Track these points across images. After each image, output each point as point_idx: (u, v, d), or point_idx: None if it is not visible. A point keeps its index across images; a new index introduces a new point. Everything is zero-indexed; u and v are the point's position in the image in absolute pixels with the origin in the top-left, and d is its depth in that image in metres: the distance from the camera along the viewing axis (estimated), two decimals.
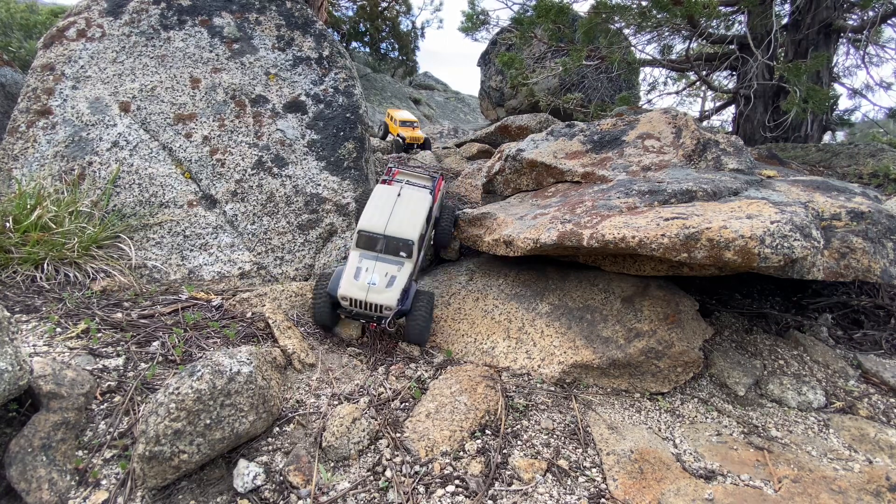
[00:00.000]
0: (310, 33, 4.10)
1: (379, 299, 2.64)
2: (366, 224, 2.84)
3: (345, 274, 2.73)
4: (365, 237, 2.82)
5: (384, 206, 2.93)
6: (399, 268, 2.76)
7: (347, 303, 2.67)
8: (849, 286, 3.43)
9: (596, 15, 5.99)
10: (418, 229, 2.85)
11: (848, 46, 7.19)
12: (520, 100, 11.82)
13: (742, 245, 2.10)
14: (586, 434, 2.25)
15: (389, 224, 2.84)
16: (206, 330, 2.60)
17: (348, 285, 2.66)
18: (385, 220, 2.85)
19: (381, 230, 2.81)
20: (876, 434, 2.32)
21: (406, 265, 2.80)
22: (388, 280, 2.70)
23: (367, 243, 2.83)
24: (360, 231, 2.83)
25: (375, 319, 2.72)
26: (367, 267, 2.74)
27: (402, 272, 2.76)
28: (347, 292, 2.64)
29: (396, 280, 2.72)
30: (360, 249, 2.84)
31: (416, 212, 2.94)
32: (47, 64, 3.60)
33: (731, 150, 3.24)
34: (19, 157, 3.35)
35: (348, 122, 3.87)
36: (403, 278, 2.74)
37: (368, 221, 2.85)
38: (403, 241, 2.81)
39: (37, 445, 1.73)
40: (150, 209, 3.33)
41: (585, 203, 2.84)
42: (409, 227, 2.85)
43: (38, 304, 2.54)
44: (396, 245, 2.81)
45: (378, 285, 2.67)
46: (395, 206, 2.93)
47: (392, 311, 2.67)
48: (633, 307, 2.78)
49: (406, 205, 2.96)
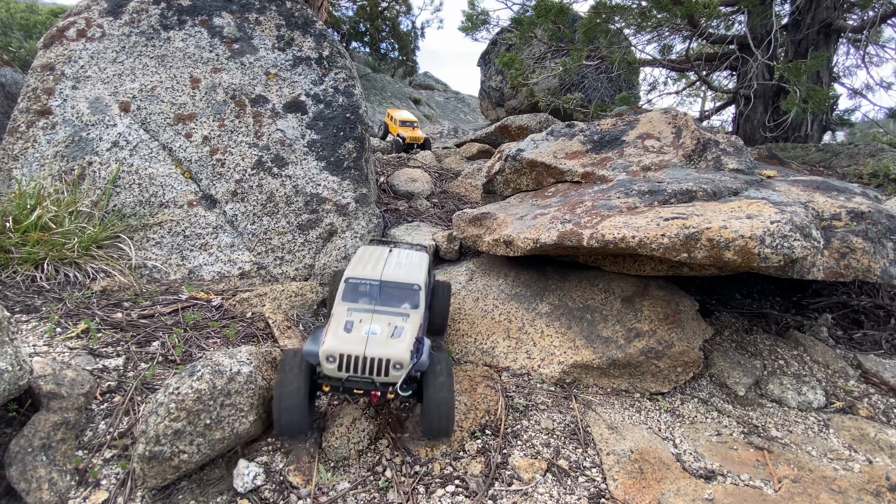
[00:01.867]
0: (310, 33, 4.10)
1: (384, 352, 1.88)
2: (356, 271, 2.23)
3: (330, 329, 1.99)
4: (354, 286, 2.19)
5: (375, 259, 2.39)
6: (404, 319, 2.08)
7: (336, 365, 1.87)
8: (849, 286, 3.43)
9: (596, 15, 6.00)
10: (423, 276, 2.29)
11: (848, 46, 7.19)
12: (520, 100, 11.83)
13: (742, 245, 2.10)
14: (586, 434, 2.25)
15: (386, 271, 2.26)
16: (206, 330, 2.60)
17: (337, 340, 1.91)
18: (380, 268, 2.28)
19: (377, 276, 2.20)
20: (876, 434, 2.32)
21: (413, 317, 2.12)
22: (393, 331, 2.00)
23: (359, 294, 2.18)
24: (348, 280, 2.19)
25: (378, 387, 1.90)
26: (361, 318, 2.05)
27: (409, 324, 2.06)
28: (337, 348, 1.87)
29: (405, 330, 2.01)
30: (347, 304, 2.15)
31: (416, 264, 2.41)
32: (47, 64, 3.60)
33: (731, 150, 3.24)
34: (19, 157, 3.35)
35: (348, 122, 3.87)
36: (413, 329, 2.03)
37: (359, 269, 2.26)
38: (407, 287, 2.20)
39: (37, 445, 1.73)
40: (150, 209, 3.33)
41: (585, 203, 2.84)
42: (411, 272, 2.28)
43: (38, 304, 2.54)
44: (398, 293, 2.19)
45: (381, 335, 1.96)
46: (388, 258, 2.41)
47: (404, 368, 1.89)
48: (633, 307, 2.78)
49: (401, 258, 2.46)
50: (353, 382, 1.91)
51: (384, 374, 1.88)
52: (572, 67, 6.45)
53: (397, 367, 1.89)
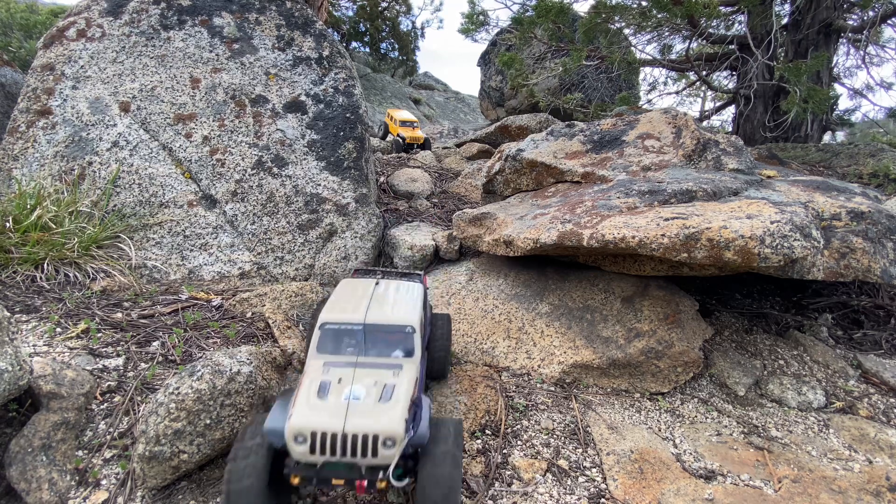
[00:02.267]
0: (310, 33, 4.10)
1: (370, 425, 1.45)
2: (333, 314, 1.81)
3: (299, 395, 1.55)
4: (331, 333, 1.77)
5: (358, 296, 1.98)
6: (396, 373, 1.68)
7: (307, 447, 1.43)
8: (849, 286, 3.43)
9: (596, 15, 6.00)
10: (417, 314, 1.88)
11: (848, 46, 7.19)
12: (520, 100, 11.83)
13: (742, 245, 2.10)
14: (586, 434, 2.25)
15: (371, 311, 1.83)
16: (206, 330, 2.60)
17: (309, 412, 1.48)
18: (363, 307, 1.85)
19: (360, 319, 1.78)
20: (876, 434, 2.32)
21: (407, 369, 1.71)
22: (382, 391, 1.58)
23: (338, 343, 1.76)
24: (323, 325, 1.78)
25: (364, 474, 1.48)
26: (340, 377, 1.63)
27: (403, 379, 1.66)
28: (308, 424, 1.44)
29: (397, 389, 1.59)
30: (323, 356, 1.74)
31: (409, 299, 2.01)
32: (47, 64, 3.60)
33: (731, 150, 3.24)
34: (19, 157, 3.35)
35: (348, 122, 3.87)
36: (407, 385, 1.63)
37: (337, 311, 1.83)
38: (398, 330, 1.79)
39: (37, 445, 1.73)
40: (150, 209, 3.33)
41: (585, 203, 2.84)
42: (403, 311, 1.88)
43: (38, 304, 2.54)
44: (387, 339, 1.78)
45: (365, 400, 1.54)
46: (374, 294, 2.01)
47: (397, 444, 1.45)
48: (633, 307, 2.78)
49: (390, 292, 2.07)
50: (330, 469, 1.45)
51: (371, 454, 1.43)
52: (572, 67, 6.45)
53: (388, 445, 1.43)
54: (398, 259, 3.67)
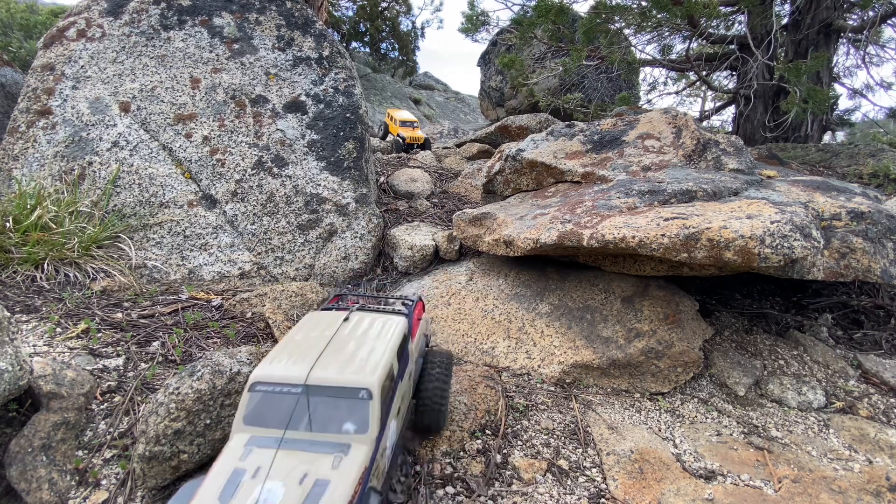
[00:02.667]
0: (310, 33, 4.10)
1: None
2: (269, 369, 1.36)
3: (198, 495, 1.13)
4: (264, 398, 1.31)
5: (312, 339, 1.54)
6: (337, 460, 1.22)
7: None
8: (849, 286, 3.43)
9: (596, 15, 6.00)
10: (379, 372, 1.38)
11: (848, 46, 7.20)
12: (520, 100, 11.83)
13: (742, 245, 2.10)
14: (586, 434, 2.25)
15: (319, 365, 1.37)
16: (206, 330, 2.60)
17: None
18: (311, 358, 1.40)
19: (300, 378, 1.32)
20: (876, 434, 2.32)
21: (355, 454, 1.25)
22: (309, 492, 1.13)
23: (270, 411, 1.30)
24: (254, 386, 1.33)
25: None
26: (259, 466, 1.19)
27: (345, 470, 1.20)
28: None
29: (330, 491, 1.14)
30: (249, 430, 1.29)
31: (378, 344, 1.53)
32: (47, 64, 3.60)
33: (731, 150, 3.24)
34: (19, 157, 3.35)
35: (348, 122, 3.87)
36: (347, 485, 1.16)
37: (277, 363, 1.38)
38: (348, 395, 1.31)
39: (37, 445, 1.73)
40: (150, 209, 3.33)
41: (585, 203, 2.84)
42: (360, 366, 1.39)
43: (38, 304, 2.54)
44: (332, 407, 1.30)
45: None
46: (333, 338, 1.55)
47: None
48: (633, 307, 2.78)
49: (357, 334, 1.60)
50: None
51: None
52: (572, 67, 6.45)
53: None
54: (398, 259, 3.67)
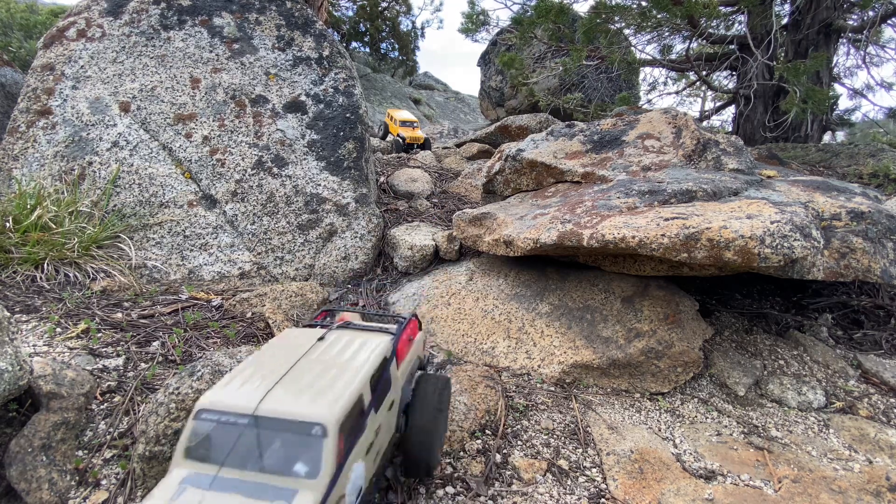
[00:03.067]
0: (310, 33, 4.10)
1: None
2: (219, 395, 1.16)
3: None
4: (206, 428, 1.11)
5: (277, 361, 1.32)
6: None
7: None
8: (849, 286, 3.43)
9: (596, 15, 6.00)
10: (341, 404, 1.15)
11: (848, 46, 7.20)
12: (520, 100, 11.84)
13: (742, 245, 2.10)
14: (586, 434, 2.25)
15: (273, 394, 1.16)
16: (206, 330, 2.60)
17: None
18: (267, 385, 1.19)
19: (249, 407, 1.11)
20: (876, 434, 2.32)
21: (301, 499, 1.00)
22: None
23: (215, 443, 1.10)
24: (199, 413, 1.13)
25: None
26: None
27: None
28: None
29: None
30: (188, 464, 1.09)
31: (347, 369, 1.31)
32: (47, 64, 3.60)
33: (731, 150, 3.24)
34: (19, 157, 3.35)
35: (348, 122, 3.87)
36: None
37: (229, 390, 1.18)
38: (298, 428, 1.08)
39: (37, 445, 1.73)
40: (150, 209, 3.33)
41: (585, 203, 2.84)
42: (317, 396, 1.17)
43: (38, 304, 2.54)
44: (280, 442, 1.08)
45: None
46: (299, 362, 1.32)
47: None
48: (633, 307, 2.78)
49: (328, 357, 1.37)
50: None
51: None
52: (572, 67, 6.45)
53: None
54: (398, 259, 3.68)
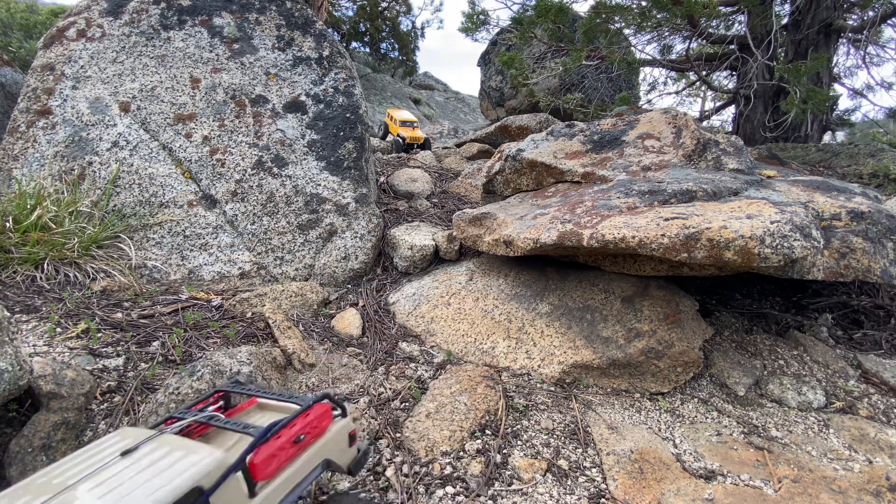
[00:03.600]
0: (310, 33, 4.10)
1: None
2: None
3: None
4: None
5: (35, 489, 1.00)
6: None
7: None
8: (849, 286, 3.43)
9: (596, 15, 6.00)
10: None
11: (848, 46, 7.19)
12: (520, 100, 11.83)
13: (742, 245, 2.10)
14: (586, 434, 2.25)
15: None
16: (206, 330, 2.60)
17: None
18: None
19: None
20: (876, 434, 2.32)
21: None
22: None
23: None
24: None
25: None
26: None
27: None
28: None
29: None
30: None
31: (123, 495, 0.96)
32: (47, 64, 3.60)
33: (731, 150, 3.24)
34: (19, 157, 3.35)
35: (348, 122, 3.87)
36: None
37: None
38: None
39: (37, 445, 1.73)
40: (150, 209, 3.33)
41: (585, 203, 2.84)
42: None
43: (38, 304, 2.54)
44: None
45: None
46: (60, 495, 0.97)
47: None
48: (633, 307, 2.78)
49: (101, 490, 0.98)
50: None
51: None
52: (572, 67, 6.45)
53: None
54: (398, 259, 3.67)
